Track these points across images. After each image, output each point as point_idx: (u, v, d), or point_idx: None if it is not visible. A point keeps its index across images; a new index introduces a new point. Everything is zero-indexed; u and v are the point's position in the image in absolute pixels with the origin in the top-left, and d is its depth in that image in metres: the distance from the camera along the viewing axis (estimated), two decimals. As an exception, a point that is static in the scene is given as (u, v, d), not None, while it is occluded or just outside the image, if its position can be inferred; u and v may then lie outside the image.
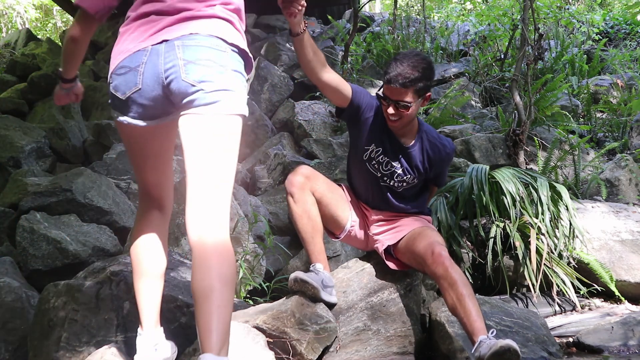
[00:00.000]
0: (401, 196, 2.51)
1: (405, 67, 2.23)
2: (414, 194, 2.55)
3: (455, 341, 2.26)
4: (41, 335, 2.27)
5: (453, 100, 5.44)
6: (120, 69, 1.67)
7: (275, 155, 4.51)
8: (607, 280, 2.96)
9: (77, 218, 3.45)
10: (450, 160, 2.56)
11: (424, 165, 2.46)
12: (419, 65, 2.24)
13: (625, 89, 5.53)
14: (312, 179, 2.39)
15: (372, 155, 2.44)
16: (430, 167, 2.47)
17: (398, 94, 2.24)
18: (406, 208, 2.53)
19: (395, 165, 2.44)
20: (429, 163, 2.46)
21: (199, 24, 1.62)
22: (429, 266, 2.18)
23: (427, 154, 2.45)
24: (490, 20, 7.00)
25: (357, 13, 6.04)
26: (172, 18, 1.63)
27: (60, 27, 15.69)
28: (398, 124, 2.33)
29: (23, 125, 5.15)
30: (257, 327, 2.14)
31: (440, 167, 2.51)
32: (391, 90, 2.26)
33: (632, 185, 3.93)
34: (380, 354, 2.26)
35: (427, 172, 2.49)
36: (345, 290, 2.44)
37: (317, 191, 2.39)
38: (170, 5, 1.65)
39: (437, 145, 2.46)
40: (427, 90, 2.31)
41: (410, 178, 2.46)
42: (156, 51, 1.60)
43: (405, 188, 2.49)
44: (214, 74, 1.58)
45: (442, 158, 2.48)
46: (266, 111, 5.90)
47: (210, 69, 1.58)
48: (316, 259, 2.40)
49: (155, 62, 1.60)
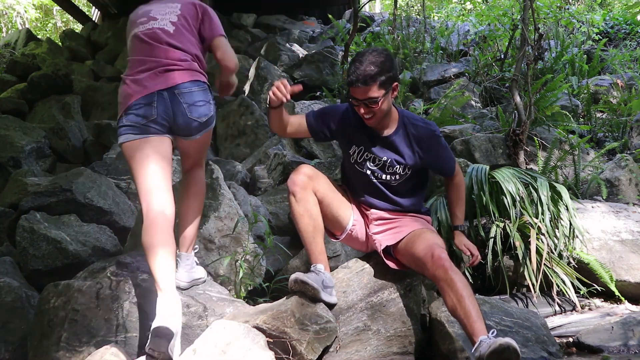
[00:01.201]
0: (397, 192, 2.51)
1: (363, 66, 2.26)
2: (410, 189, 2.53)
3: (455, 341, 2.26)
4: (41, 335, 2.27)
5: (453, 100, 5.45)
6: (136, 105, 2.29)
7: (275, 155, 4.51)
8: (607, 280, 2.96)
9: (77, 218, 3.45)
10: (438, 139, 2.49)
11: (413, 149, 2.44)
12: (377, 60, 2.27)
13: (625, 89, 5.53)
14: (314, 178, 2.39)
15: (357, 156, 2.49)
16: (420, 149, 2.45)
17: (363, 93, 2.28)
18: (404, 204, 2.52)
19: (383, 158, 2.45)
20: (417, 145, 2.45)
21: (184, 75, 2.34)
22: (429, 269, 2.18)
23: (413, 136, 2.44)
24: (490, 20, 7.00)
25: (357, 13, 6.04)
26: (163, 72, 2.32)
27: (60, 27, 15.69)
28: (373, 121, 2.36)
29: (23, 125, 5.15)
30: (257, 327, 2.14)
31: (430, 147, 2.46)
32: (356, 91, 2.29)
33: (632, 185, 3.93)
34: (380, 354, 2.26)
35: (420, 158, 2.45)
36: (345, 290, 2.44)
37: (319, 191, 2.40)
38: (160, 62, 2.33)
39: (420, 125, 2.46)
40: (392, 81, 2.32)
41: (401, 168, 2.45)
42: (162, 95, 2.29)
43: (399, 181, 2.48)
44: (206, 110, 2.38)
45: (428, 135, 2.45)
46: (266, 111, 5.90)
47: (204, 107, 2.37)
48: (317, 260, 2.39)
49: (163, 103, 2.30)
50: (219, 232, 2.88)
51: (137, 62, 2.37)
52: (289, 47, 7.77)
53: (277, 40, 7.85)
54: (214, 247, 2.84)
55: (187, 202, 2.52)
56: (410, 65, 6.95)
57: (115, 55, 8.90)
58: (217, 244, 2.86)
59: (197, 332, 2.24)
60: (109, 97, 6.80)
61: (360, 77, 2.26)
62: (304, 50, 7.84)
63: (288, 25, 9.70)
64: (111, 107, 6.70)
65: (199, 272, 2.55)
